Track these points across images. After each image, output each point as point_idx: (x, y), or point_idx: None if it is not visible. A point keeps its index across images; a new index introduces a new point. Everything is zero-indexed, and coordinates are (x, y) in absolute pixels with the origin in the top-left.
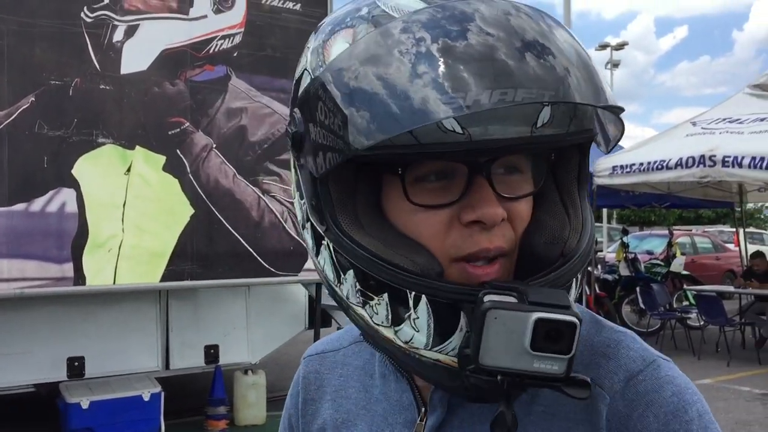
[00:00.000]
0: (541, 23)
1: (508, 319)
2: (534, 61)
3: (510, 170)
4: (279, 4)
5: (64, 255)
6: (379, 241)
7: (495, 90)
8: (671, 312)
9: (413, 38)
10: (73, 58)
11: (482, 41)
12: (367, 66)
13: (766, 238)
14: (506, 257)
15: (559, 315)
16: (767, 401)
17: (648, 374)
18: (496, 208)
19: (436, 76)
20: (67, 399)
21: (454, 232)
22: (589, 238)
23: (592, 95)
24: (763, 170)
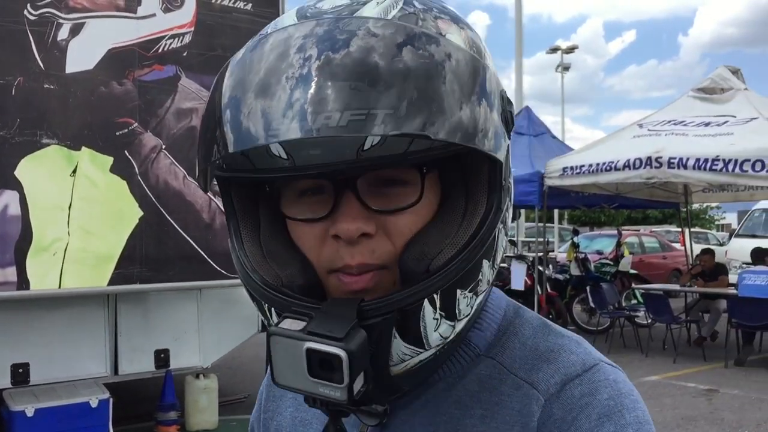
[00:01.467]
0: (338, 53)
1: (286, 345)
2: (325, 89)
3: (388, 183)
4: (230, 4)
5: (7, 259)
6: (263, 253)
7: (291, 122)
8: (620, 310)
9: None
10: (15, 57)
11: (285, 75)
12: (226, 87)
13: (711, 238)
14: (383, 270)
15: (326, 347)
16: (712, 397)
17: (586, 378)
18: (350, 224)
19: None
20: (11, 407)
21: (326, 245)
22: (465, 254)
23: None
24: (706, 171)
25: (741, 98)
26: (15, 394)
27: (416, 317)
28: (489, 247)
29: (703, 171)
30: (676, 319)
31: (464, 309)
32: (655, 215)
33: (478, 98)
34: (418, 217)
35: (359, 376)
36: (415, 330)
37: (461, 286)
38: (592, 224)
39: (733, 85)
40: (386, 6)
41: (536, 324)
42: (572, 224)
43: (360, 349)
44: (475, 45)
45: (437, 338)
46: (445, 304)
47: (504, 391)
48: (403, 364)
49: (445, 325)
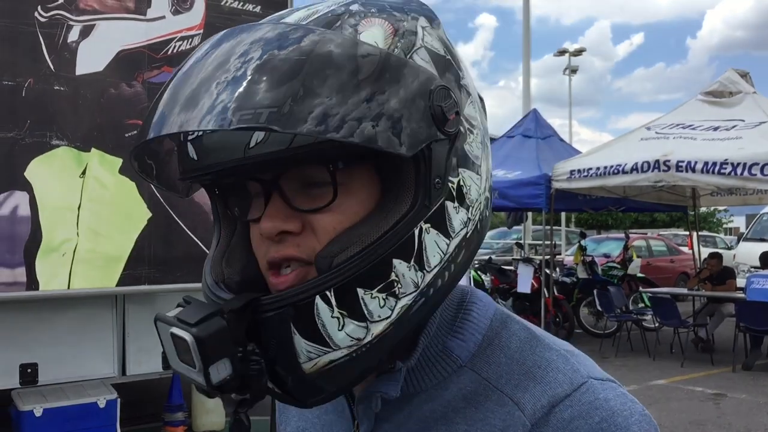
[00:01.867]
0: (214, 52)
1: (162, 329)
2: (209, 90)
3: (315, 183)
4: (239, 6)
5: (16, 259)
6: (225, 252)
7: (156, 125)
8: (627, 314)
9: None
10: (26, 59)
11: (176, 77)
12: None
13: (718, 241)
14: (309, 266)
15: (177, 330)
16: (720, 401)
17: (575, 399)
18: (268, 223)
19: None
20: (19, 407)
21: (263, 243)
22: (366, 252)
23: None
24: (715, 175)
25: (749, 102)
26: (23, 394)
27: (310, 314)
28: (403, 246)
29: (711, 174)
30: (684, 322)
31: (378, 310)
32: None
33: (365, 93)
34: (344, 216)
35: (221, 364)
36: (311, 327)
37: (363, 285)
38: (600, 227)
39: (741, 88)
40: (313, 10)
41: (523, 336)
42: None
43: (210, 335)
44: (403, 42)
45: (345, 338)
46: (344, 303)
47: (488, 407)
48: (312, 362)
49: (353, 326)
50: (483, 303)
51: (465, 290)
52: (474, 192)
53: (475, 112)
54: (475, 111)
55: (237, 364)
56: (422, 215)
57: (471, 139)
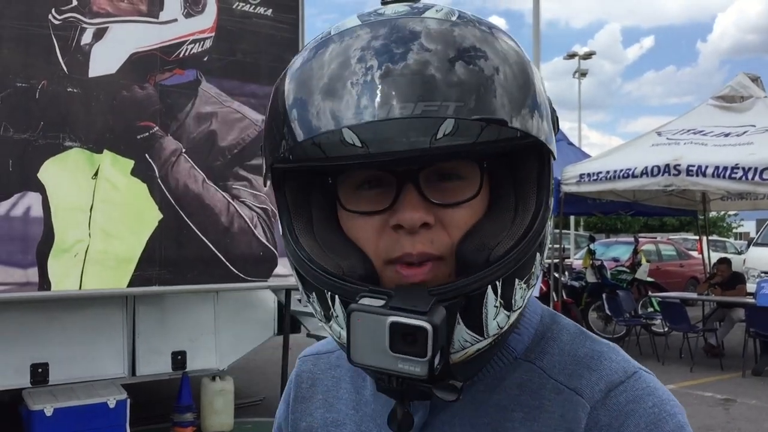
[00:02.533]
0: (418, 42)
1: (368, 320)
2: (401, 80)
3: (446, 177)
4: (250, 10)
5: (29, 260)
6: (319, 245)
7: (366, 109)
8: (636, 318)
9: (323, 60)
10: (40, 61)
11: (360, 67)
12: (292, 82)
13: (728, 246)
14: (440, 261)
15: (410, 320)
16: (729, 407)
17: (629, 385)
18: (413, 213)
19: (321, 97)
20: (30, 406)
21: (385, 236)
22: (523, 244)
23: (465, 109)
24: (725, 179)
25: (761, 106)
26: (34, 394)
27: (479, 303)
28: (542, 241)
29: (722, 179)
30: (693, 327)
31: (519, 300)
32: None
33: (534, 101)
34: (473, 211)
35: (439, 354)
36: (477, 316)
37: (519, 276)
38: (609, 231)
39: (752, 93)
40: (446, 14)
41: (573, 330)
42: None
43: (442, 323)
44: (525, 55)
45: (495, 327)
46: (505, 293)
47: (545, 395)
48: (463, 351)
49: (503, 314)
50: (531, 300)
51: None
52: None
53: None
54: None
55: (446, 352)
56: (547, 214)
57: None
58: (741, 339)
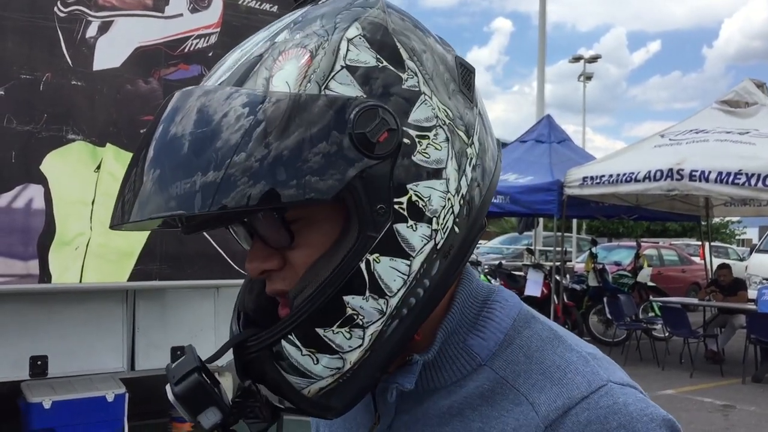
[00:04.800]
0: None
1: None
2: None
3: (286, 221)
4: (256, 6)
5: (30, 252)
6: (249, 277)
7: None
8: (637, 323)
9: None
10: (44, 53)
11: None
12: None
13: (731, 252)
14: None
15: (168, 389)
16: (728, 413)
17: (592, 402)
18: (249, 264)
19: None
20: (28, 398)
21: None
22: (315, 292)
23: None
24: (728, 185)
25: (765, 112)
26: (33, 386)
27: (283, 355)
28: (350, 282)
29: (724, 184)
30: (694, 333)
31: (345, 342)
32: (674, 228)
33: (273, 148)
34: (311, 249)
35: (210, 411)
36: (290, 365)
37: (320, 324)
38: (611, 235)
39: (757, 99)
40: (242, 53)
41: (545, 336)
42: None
43: (189, 391)
44: (319, 70)
45: (323, 370)
46: (308, 342)
47: (504, 405)
48: (306, 389)
49: (327, 359)
50: (508, 303)
51: (491, 289)
52: (437, 200)
53: (431, 109)
54: (429, 109)
55: (226, 409)
56: (368, 247)
57: (424, 146)
58: (741, 345)
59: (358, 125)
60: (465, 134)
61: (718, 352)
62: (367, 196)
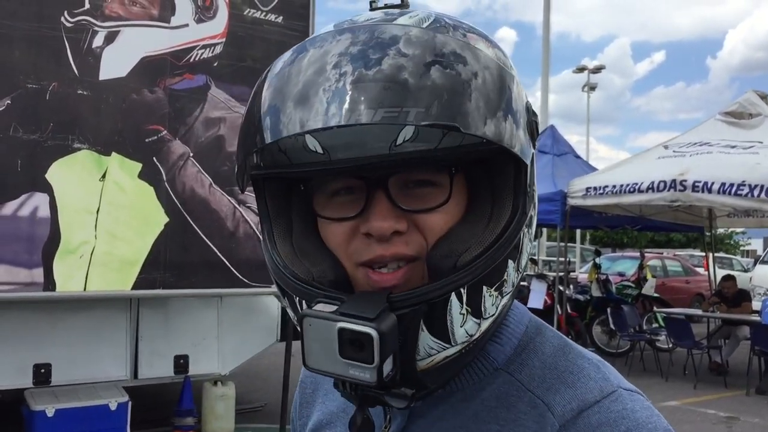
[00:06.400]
0: (372, 52)
1: (319, 326)
2: (360, 87)
3: (419, 183)
4: (261, 16)
5: (35, 260)
6: (294, 251)
7: (323, 115)
8: (641, 334)
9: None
10: (51, 62)
11: (321, 75)
12: (264, 89)
13: (735, 263)
14: (415, 263)
15: (357, 326)
16: (732, 425)
17: (604, 406)
18: (382, 223)
19: (271, 104)
20: (32, 406)
21: (356, 240)
22: (492, 251)
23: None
24: (732, 196)
25: None
26: (36, 394)
27: (443, 311)
28: (514, 248)
29: (728, 195)
30: (698, 344)
31: (490, 308)
32: (678, 239)
33: (507, 106)
34: (449, 215)
35: (389, 360)
36: (441, 324)
37: (487, 283)
38: (614, 246)
39: (761, 110)
40: (419, 19)
41: (557, 343)
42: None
43: (390, 330)
44: (503, 59)
45: (463, 334)
46: (471, 300)
47: (520, 408)
48: (430, 358)
49: (471, 322)
50: (518, 311)
51: None
52: (536, 201)
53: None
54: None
55: (398, 359)
56: (523, 221)
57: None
58: (745, 357)
59: (533, 115)
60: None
61: (722, 363)
62: (529, 177)
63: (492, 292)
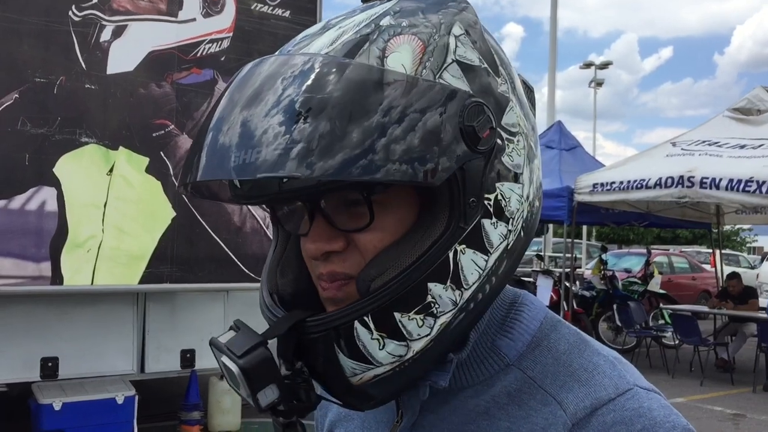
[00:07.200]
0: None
1: (217, 354)
2: (229, 134)
3: (355, 203)
4: (268, 11)
5: (42, 254)
6: (279, 262)
7: (192, 172)
8: (647, 330)
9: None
10: (59, 57)
11: (212, 117)
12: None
13: (741, 260)
14: (351, 279)
15: (227, 360)
16: (739, 421)
17: (619, 404)
18: (311, 244)
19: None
20: (39, 400)
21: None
22: (402, 277)
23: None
24: (739, 192)
25: None
26: (43, 388)
27: (351, 337)
28: (438, 269)
29: (736, 192)
30: (705, 341)
31: (416, 330)
32: (685, 235)
33: (391, 126)
34: (385, 233)
35: (269, 390)
36: (354, 348)
37: (400, 309)
38: (621, 242)
39: None
40: (344, 29)
41: (572, 340)
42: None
43: (256, 366)
44: (432, 60)
45: (386, 356)
46: (382, 326)
47: (532, 405)
48: (357, 377)
49: (393, 345)
50: (534, 306)
51: (518, 293)
52: (514, 203)
53: (516, 117)
54: (515, 116)
55: (284, 388)
56: (457, 237)
57: (510, 149)
58: (752, 354)
59: (468, 118)
60: (534, 146)
61: (729, 360)
62: (464, 188)
63: (411, 315)
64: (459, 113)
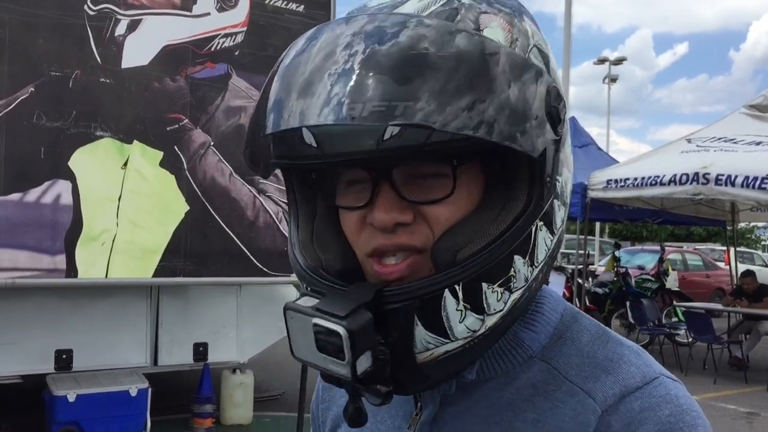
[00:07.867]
0: (357, 45)
1: (298, 319)
2: (344, 83)
3: (428, 175)
4: (282, 5)
5: (57, 247)
6: (311, 238)
7: (285, 116)
8: (660, 327)
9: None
10: (74, 50)
11: (314, 69)
12: (272, 79)
13: (756, 258)
14: (420, 254)
15: (327, 323)
16: (752, 420)
17: (646, 392)
18: (383, 215)
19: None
20: (53, 391)
21: (365, 230)
22: (494, 247)
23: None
24: (755, 190)
25: None
26: (58, 380)
27: (437, 307)
28: (522, 242)
29: (751, 189)
30: (718, 339)
31: (495, 304)
32: (699, 232)
33: (498, 93)
34: (456, 207)
35: (365, 356)
36: (436, 319)
37: (487, 279)
38: (634, 239)
39: None
40: (427, 2)
41: (594, 331)
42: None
43: (361, 328)
44: (520, 40)
45: (463, 330)
46: (469, 297)
47: (558, 397)
48: (428, 352)
49: (472, 318)
50: (553, 299)
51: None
52: (568, 190)
53: (564, 112)
54: (564, 112)
55: (377, 356)
56: (537, 213)
57: (567, 139)
58: (766, 352)
59: (553, 100)
60: (570, 143)
61: (743, 358)
62: (544, 167)
63: (495, 288)
64: (546, 94)
